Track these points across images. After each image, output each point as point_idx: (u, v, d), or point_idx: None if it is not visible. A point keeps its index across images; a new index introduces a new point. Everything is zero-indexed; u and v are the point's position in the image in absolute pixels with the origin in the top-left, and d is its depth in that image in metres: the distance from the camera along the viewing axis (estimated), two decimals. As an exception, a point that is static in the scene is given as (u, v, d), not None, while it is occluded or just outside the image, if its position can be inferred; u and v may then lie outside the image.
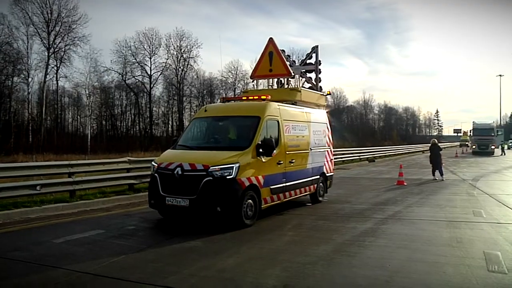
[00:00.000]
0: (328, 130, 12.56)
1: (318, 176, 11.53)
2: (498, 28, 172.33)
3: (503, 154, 45.24)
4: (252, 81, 13.75)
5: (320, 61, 14.58)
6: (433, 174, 18.24)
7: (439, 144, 19.60)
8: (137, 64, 57.93)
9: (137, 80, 58.89)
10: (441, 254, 6.39)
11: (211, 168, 8.14)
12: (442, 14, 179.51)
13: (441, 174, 18.04)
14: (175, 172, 8.35)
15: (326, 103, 13.24)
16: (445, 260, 6.05)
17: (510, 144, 24.38)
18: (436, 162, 18.29)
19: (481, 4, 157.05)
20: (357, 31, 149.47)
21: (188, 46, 59.50)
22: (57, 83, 52.22)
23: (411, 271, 5.61)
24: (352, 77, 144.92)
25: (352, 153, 32.17)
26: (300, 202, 11.19)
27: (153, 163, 9.15)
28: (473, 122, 50.50)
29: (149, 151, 39.33)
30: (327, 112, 12.88)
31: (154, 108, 61.39)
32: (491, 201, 11.94)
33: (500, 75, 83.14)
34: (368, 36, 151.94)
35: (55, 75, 50.38)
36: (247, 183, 8.44)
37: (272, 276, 5.43)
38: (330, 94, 14.54)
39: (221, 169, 8.16)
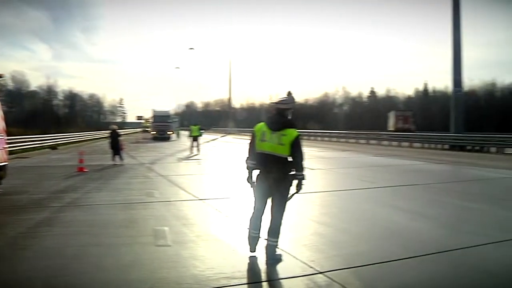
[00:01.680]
0: (1, 117, 11.36)
1: (-12, 166, 10.35)
2: (180, 26, 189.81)
3: (178, 138, 50.55)
4: None
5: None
6: (113, 159, 18.89)
7: (120, 130, 20.38)
8: None
9: None
10: (116, 236, 6.79)
11: None
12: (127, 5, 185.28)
13: (121, 159, 18.91)
14: None
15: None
16: (120, 241, 6.47)
17: (201, 132, 26.51)
18: (116, 148, 19.07)
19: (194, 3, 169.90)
20: (44, 12, 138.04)
21: None
22: None
23: (87, 255, 5.78)
24: (36, 61, 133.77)
25: (33, 141, 30.11)
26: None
27: None
28: (153, 109, 54.38)
29: None
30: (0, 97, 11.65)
31: None
32: (165, 182, 13.20)
33: (177, 68, 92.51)
34: (55, 20, 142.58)
35: None
36: None
37: None
38: (2, 77, 13.13)
39: None
